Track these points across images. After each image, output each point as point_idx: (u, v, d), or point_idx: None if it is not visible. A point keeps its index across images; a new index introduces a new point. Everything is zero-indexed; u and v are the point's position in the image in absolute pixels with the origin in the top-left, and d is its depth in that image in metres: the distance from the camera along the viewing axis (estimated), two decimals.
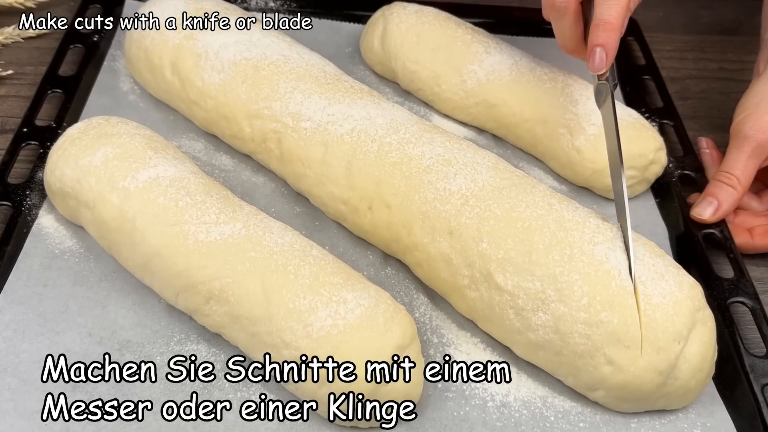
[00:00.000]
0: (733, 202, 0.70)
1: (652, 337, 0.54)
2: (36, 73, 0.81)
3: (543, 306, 0.56)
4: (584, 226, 0.58)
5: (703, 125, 0.86)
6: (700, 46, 0.97)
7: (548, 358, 0.57)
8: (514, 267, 0.57)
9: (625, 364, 0.54)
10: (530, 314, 0.57)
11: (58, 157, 0.63)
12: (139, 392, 0.55)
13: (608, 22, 0.61)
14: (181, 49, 0.73)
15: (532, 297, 0.56)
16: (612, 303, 0.55)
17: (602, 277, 0.55)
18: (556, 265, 0.56)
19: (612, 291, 0.55)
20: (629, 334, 0.54)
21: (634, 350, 0.54)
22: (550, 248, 0.57)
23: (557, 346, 0.56)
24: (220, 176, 0.72)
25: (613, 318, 0.54)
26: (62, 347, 0.57)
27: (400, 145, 0.64)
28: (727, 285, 0.65)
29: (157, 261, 0.57)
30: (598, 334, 0.55)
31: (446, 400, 0.57)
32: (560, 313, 0.55)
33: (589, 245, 0.57)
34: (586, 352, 0.55)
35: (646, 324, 0.54)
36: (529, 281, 0.56)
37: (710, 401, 0.59)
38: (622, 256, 0.57)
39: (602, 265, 0.56)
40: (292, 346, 0.53)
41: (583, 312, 0.55)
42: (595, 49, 0.62)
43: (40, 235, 0.65)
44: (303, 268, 0.55)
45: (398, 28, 0.81)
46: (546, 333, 0.56)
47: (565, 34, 0.65)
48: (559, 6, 0.63)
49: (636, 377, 0.54)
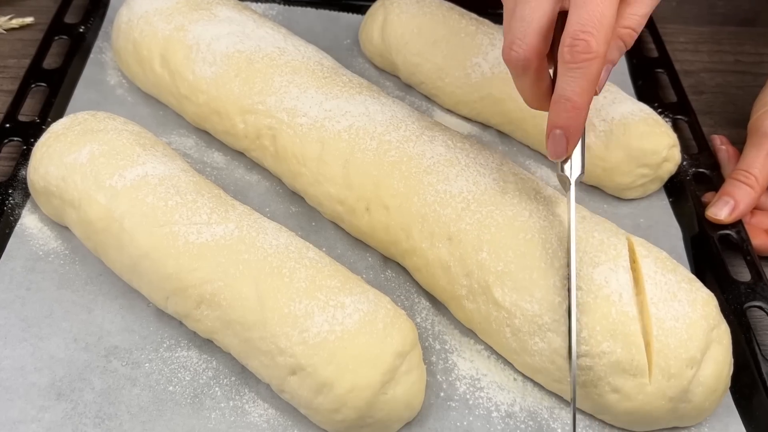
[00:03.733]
0: (751, 201, 0.70)
1: (663, 365, 0.53)
2: (19, 66, 0.81)
3: (539, 332, 0.55)
4: (586, 244, 0.57)
5: (718, 121, 0.86)
6: (716, 38, 0.97)
7: (548, 383, 0.57)
8: (513, 282, 0.57)
9: (632, 393, 0.54)
10: (527, 337, 0.56)
11: (42, 154, 0.63)
12: (126, 401, 0.55)
13: (570, 100, 0.51)
14: (172, 41, 0.73)
15: (529, 320, 0.56)
16: (614, 332, 0.54)
17: (601, 305, 0.54)
18: (556, 293, 0.55)
19: (612, 319, 0.54)
20: (634, 363, 0.53)
21: (641, 378, 0.53)
22: (551, 270, 0.56)
23: (555, 375, 0.56)
24: (211, 174, 0.72)
25: (615, 348, 0.54)
26: (46, 354, 0.57)
27: (399, 143, 0.64)
28: (744, 289, 0.65)
29: (146, 263, 0.57)
30: (601, 365, 0.54)
31: (449, 410, 0.57)
32: (556, 345, 0.55)
33: (589, 267, 0.56)
34: (588, 382, 0.55)
35: (658, 351, 0.53)
36: (527, 302, 0.56)
37: (725, 412, 0.59)
38: (624, 277, 0.56)
39: (601, 290, 0.55)
40: (287, 352, 0.53)
41: (583, 345, 0.54)
42: (554, 132, 0.53)
43: (23, 236, 0.65)
44: (299, 271, 0.55)
45: (399, 19, 0.81)
46: (543, 361, 0.56)
47: (527, 90, 0.55)
48: (516, 63, 0.53)
49: (645, 404, 0.54)
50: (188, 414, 0.55)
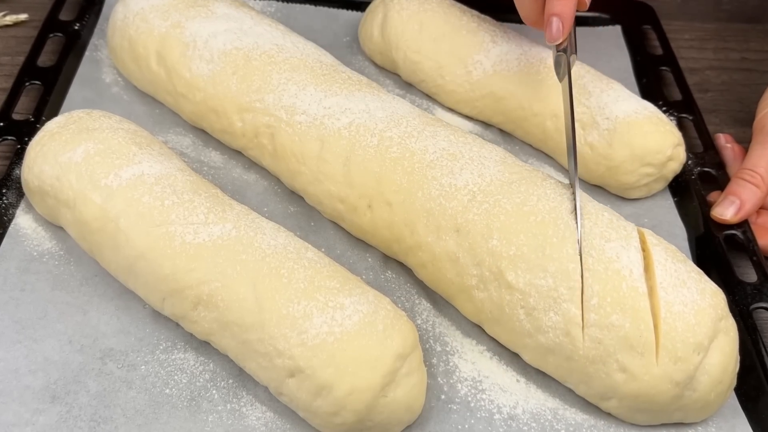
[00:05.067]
0: (757, 201, 0.70)
1: (670, 347, 0.54)
2: (13, 63, 0.81)
3: (555, 305, 0.56)
4: (597, 218, 0.59)
5: (724, 119, 0.86)
6: (722, 35, 0.97)
7: (558, 364, 0.57)
8: (526, 263, 0.57)
9: (638, 373, 0.54)
10: (541, 314, 0.57)
11: (36, 153, 0.63)
12: (122, 404, 0.55)
13: None
14: (168, 38, 0.73)
15: (544, 295, 0.56)
16: (623, 305, 0.55)
17: (612, 277, 0.55)
18: (569, 260, 0.56)
19: (623, 292, 0.55)
20: (642, 340, 0.54)
21: (648, 357, 0.54)
22: (564, 241, 0.57)
23: (568, 350, 0.56)
24: (209, 173, 0.72)
25: (624, 322, 0.54)
26: (40, 356, 0.57)
27: (401, 139, 0.64)
28: (750, 290, 0.65)
29: (142, 264, 0.57)
30: (609, 338, 0.55)
31: (450, 413, 0.57)
32: (571, 314, 0.55)
33: (601, 240, 0.57)
34: (597, 358, 0.55)
35: (666, 333, 0.54)
36: (541, 278, 0.57)
37: (731, 414, 0.59)
38: (636, 256, 0.57)
39: (612, 264, 0.56)
40: (285, 354, 0.53)
41: (593, 313, 0.55)
42: (552, 19, 0.65)
43: (17, 236, 0.65)
44: (297, 272, 0.55)
45: (399, 16, 0.81)
46: (556, 335, 0.56)
47: (525, 5, 0.69)
48: None
49: (651, 387, 0.54)
50: (185, 417, 0.55)
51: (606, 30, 0.93)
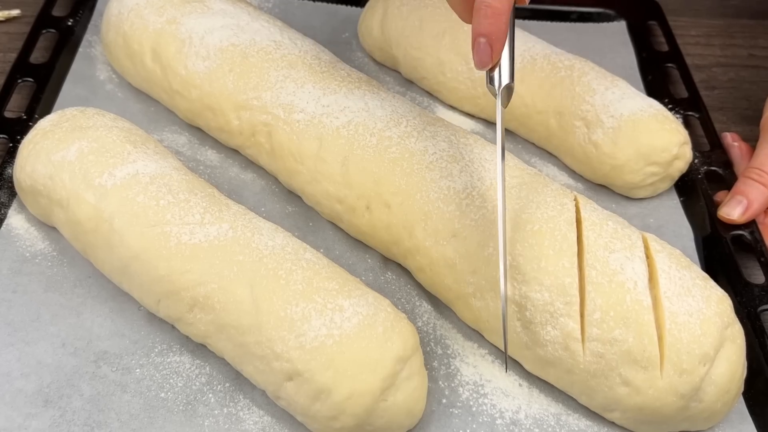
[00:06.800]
0: (765, 201, 0.70)
1: (675, 359, 0.54)
2: (5, 60, 0.81)
3: (552, 320, 0.56)
4: (600, 229, 0.58)
5: (731, 117, 0.86)
6: (729, 32, 0.97)
7: (559, 376, 0.57)
8: (522, 275, 0.57)
9: (642, 386, 0.54)
10: (539, 328, 0.56)
11: (28, 151, 0.63)
12: (117, 408, 0.55)
13: (490, 6, 0.52)
14: (163, 35, 0.73)
15: (540, 309, 0.56)
16: (626, 319, 0.54)
17: (616, 290, 0.55)
18: (566, 274, 0.56)
19: (626, 306, 0.54)
20: (646, 354, 0.54)
21: (653, 371, 0.54)
22: (561, 254, 0.57)
23: (568, 364, 0.56)
24: (205, 173, 0.72)
25: (627, 336, 0.54)
26: (33, 359, 0.57)
27: (401, 139, 0.64)
28: (758, 291, 0.65)
29: (137, 265, 0.57)
30: (612, 353, 0.54)
31: (451, 417, 0.57)
32: (569, 329, 0.55)
33: (605, 252, 0.57)
34: (599, 372, 0.55)
35: (670, 345, 0.54)
36: (537, 291, 0.56)
37: (738, 419, 0.59)
38: (640, 267, 0.56)
39: (616, 276, 0.55)
40: (283, 357, 0.53)
41: (596, 328, 0.54)
42: (479, 40, 0.53)
43: (9, 236, 0.65)
44: (295, 273, 0.55)
45: (400, 11, 0.81)
46: (555, 349, 0.56)
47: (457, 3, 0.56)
48: None
49: (655, 400, 0.54)
50: (181, 421, 0.55)
51: (611, 26, 0.93)
